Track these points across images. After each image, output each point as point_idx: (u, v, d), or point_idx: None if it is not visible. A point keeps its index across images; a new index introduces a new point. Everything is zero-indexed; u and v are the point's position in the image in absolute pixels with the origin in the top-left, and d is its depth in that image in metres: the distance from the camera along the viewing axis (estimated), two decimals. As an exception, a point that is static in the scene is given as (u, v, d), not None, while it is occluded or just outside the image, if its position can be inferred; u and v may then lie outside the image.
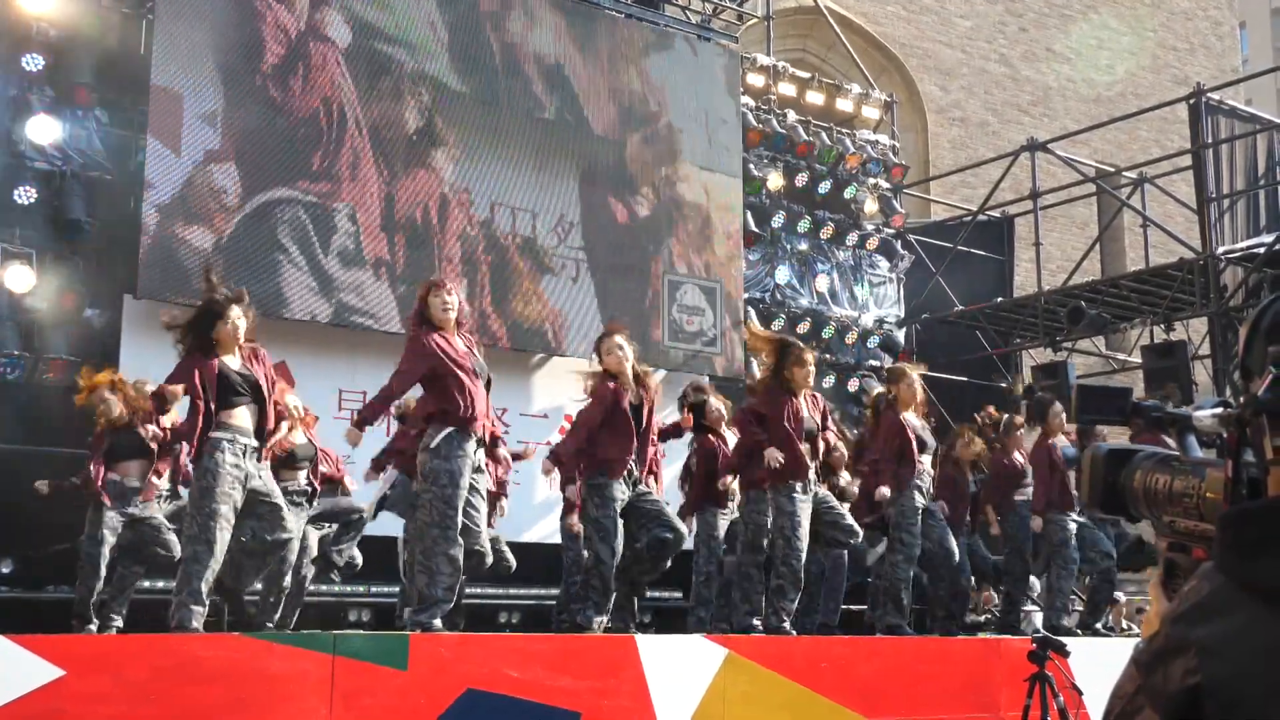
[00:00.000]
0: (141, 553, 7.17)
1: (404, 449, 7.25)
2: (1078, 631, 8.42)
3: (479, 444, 6.06)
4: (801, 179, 12.77)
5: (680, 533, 6.94)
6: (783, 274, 12.52)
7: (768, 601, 7.27)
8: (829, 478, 8.02)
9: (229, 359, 5.97)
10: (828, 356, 12.60)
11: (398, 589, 7.92)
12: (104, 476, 6.96)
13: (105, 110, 9.17)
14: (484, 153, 10.46)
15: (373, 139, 9.93)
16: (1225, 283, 11.66)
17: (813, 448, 7.26)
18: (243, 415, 5.92)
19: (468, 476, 5.95)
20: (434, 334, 6.07)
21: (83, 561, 6.92)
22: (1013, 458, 9.03)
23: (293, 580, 6.86)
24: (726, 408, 8.43)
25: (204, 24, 9.24)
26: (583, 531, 7.08)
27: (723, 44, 12.32)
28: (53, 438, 8.48)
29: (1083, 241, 16.46)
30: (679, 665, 6.24)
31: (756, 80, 12.82)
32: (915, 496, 7.77)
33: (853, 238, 13.10)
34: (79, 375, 7.44)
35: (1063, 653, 6.24)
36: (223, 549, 5.75)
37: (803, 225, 12.67)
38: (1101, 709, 1.09)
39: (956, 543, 8.25)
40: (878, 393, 8.62)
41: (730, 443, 7.99)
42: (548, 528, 9.59)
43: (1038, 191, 13.08)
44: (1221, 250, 11.48)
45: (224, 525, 5.72)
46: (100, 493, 6.93)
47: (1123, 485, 1.39)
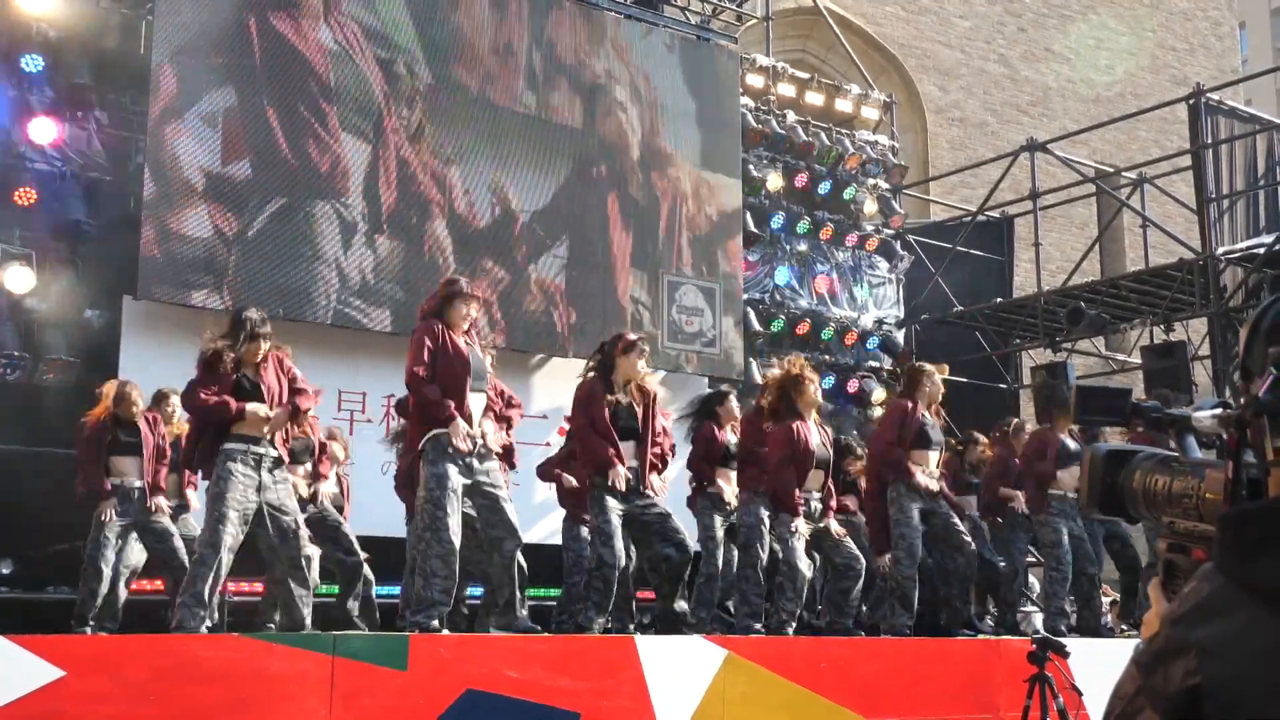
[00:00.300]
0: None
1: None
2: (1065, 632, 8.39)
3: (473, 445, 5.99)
4: (801, 179, 12.77)
5: (685, 548, 6.86)
6: (782, 275, 12.52)
7: (768, 602, 7.27)
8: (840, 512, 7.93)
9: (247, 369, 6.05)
10: (827, 357, 12.60)
11: (399, 589, 7.91)
12: (106, 480, 6.96)
13: (105, 111, 9.16)
14: (483, 152, 10.47)
15: (372, 139, 9.93)
16: (1225, 283, 11.66)
17: (825, 478, 7.36)
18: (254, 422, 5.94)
19: (456, 478, 5.90)
20: (441, 327, 6.01)
21: (86, 565, 6.91)
22: (1013, 460, 9.00)
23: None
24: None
25: (204, 25, 9.24)
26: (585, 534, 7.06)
27: (722, 44, 12.33)
28: (52, 438, 8.48)
29: (1082, 242, 16.46)
30: (678, 666, 6.25)
31: (756, 81, 12.83)
32: (912, 490, 7.60)
33: (852, 238, 13.11)
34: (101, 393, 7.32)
35: (1062, 653, 6.24)
36: (229, 555, 5.77)
37: (802, 226, 12.67)
38: (1102, 710, 1.09)
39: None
40: (899, 391, 8.51)
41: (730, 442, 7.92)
42: (548, 529, 9.58)
43: (1037, 192, 13.08)
44: (1221, 251, 11.48)
45: (232, 531, 5.74)
46: (103, 494, 6.92)
47: (1122, 486, 1.39)
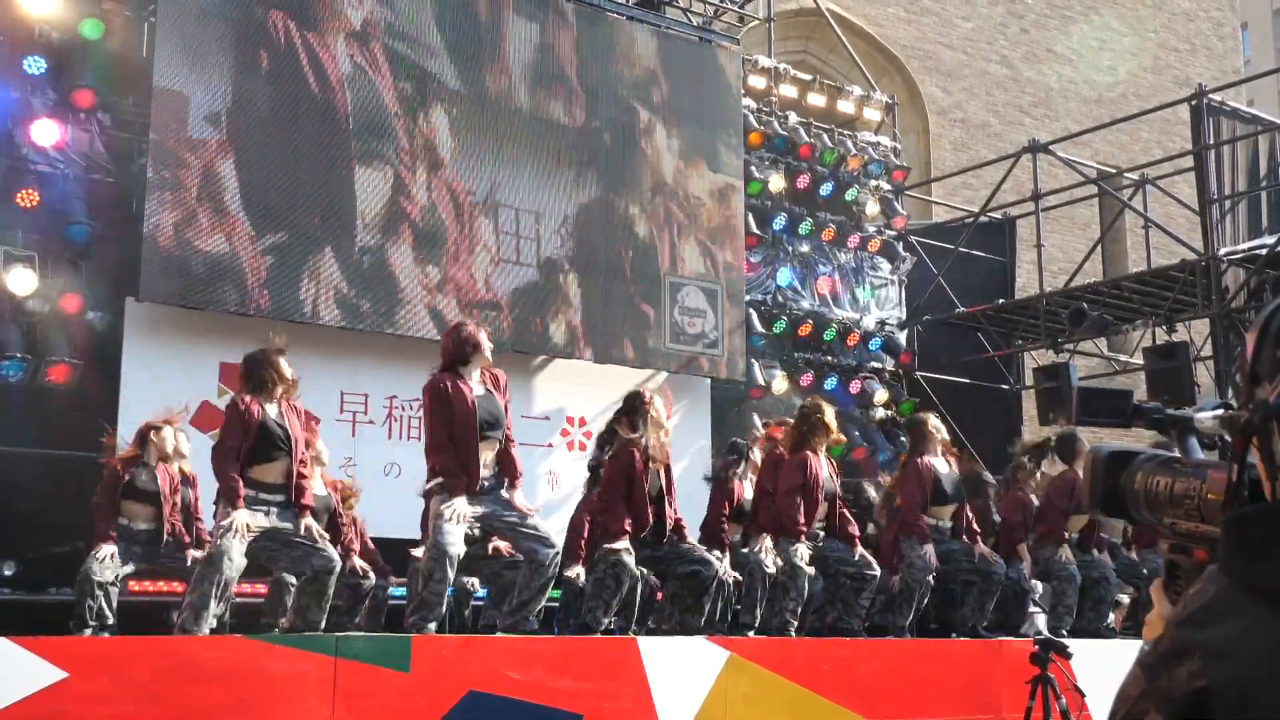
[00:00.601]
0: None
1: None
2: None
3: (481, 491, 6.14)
4: (803, 181, 12.76)
5: (710, 563, 6.95)
6: (784, 276, 12.51)
7: (770, 603, 7.27)
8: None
9: (269, 407, 6.11)
10: (829, 359, 12.60)
11: (405, 591, 7.92)
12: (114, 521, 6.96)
13: (107, 113, 9.17)
14: (486, 153, 10.46)
15: (374, 138, 9.93)
16: (1227, 284, 11.64)
17: (831, 509, 7.61)
18: (274, 471, 6.02)
19: (464, 505, 6.01)
20: (452, 380, 6.14)
21: (82, 576, 6.87)
22: (1028, 496, 9.10)
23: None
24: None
25: (207, 26, 9.24)
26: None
27: (724, 46, 12.32)
28: (54, 440, 8.49)
29: (1084, 243, 16.44)
30: (681, 667, 6.25)
31: (758, 82, 12.82)
32: (928, 551, 7.75)
33: (854, 239, 13.09)
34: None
35: (1065, 654, 6.24)
36: (236, 569, 5.83)
37: (804, 227, 12.66)
38: (1104, 711, 1.09)
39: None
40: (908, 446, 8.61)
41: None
42: (549, 530, 9.55)
43: (1039, 193, 13.07)
44: (1223, 252, 11.47)
45: (237, 549, 5.80)
46: (105, 538, 6.90)
47: (1124, 487, 1.39)
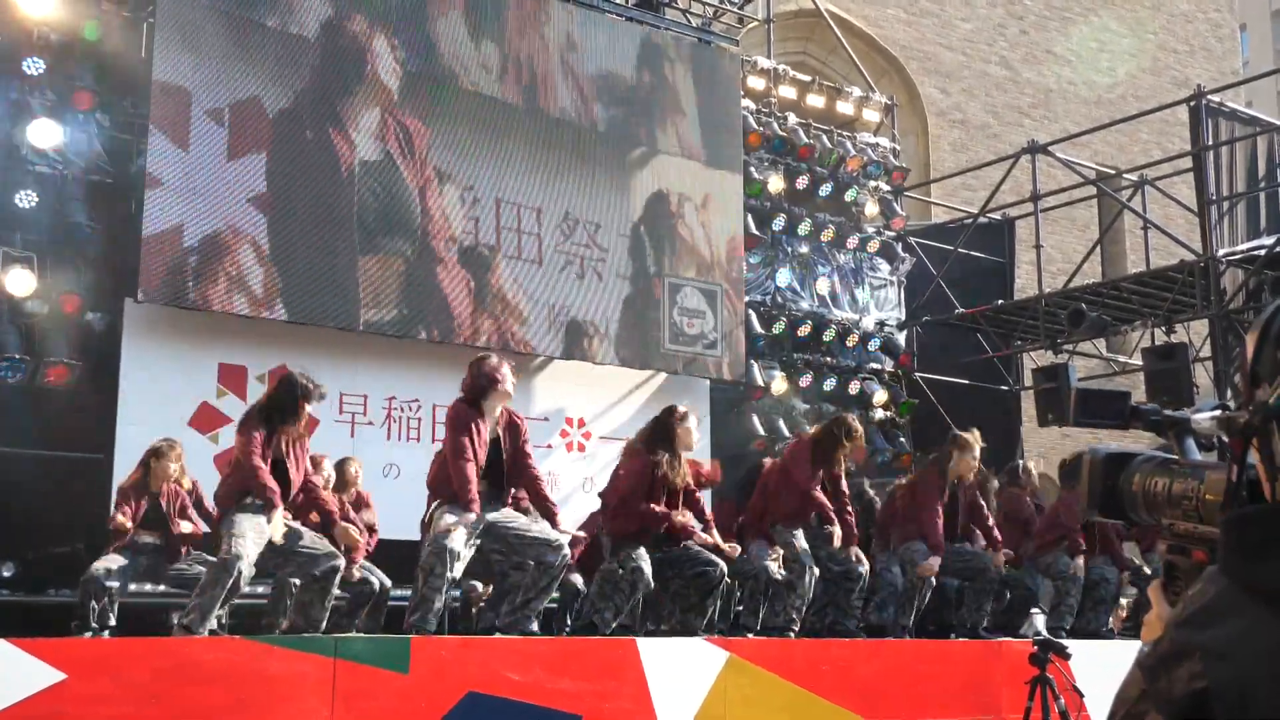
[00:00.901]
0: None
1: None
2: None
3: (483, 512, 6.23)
4: (802, 182, 12.76)
5: (718, 565, 7.00)
6: (783, 277, 12.51)
7: (770, 603, 7.28)
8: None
9: (280, 443, 6.19)
10: (828, 360, 12.61)
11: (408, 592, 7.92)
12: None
13: (106, 113, 9.16)
14: (486, 151, 10.45)
15: (375, 138, 9.93)
16: (1226, 285, 11.65)
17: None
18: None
19: (463, 530, 6.08)
20: (471, 415, 6.23)
21: (87, 578, 6.88)
22: (1029, 507, 9.16)
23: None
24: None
25: (204, 26, 9.24)
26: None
27: (724, 47, 12.33)
28: (53, 441, 8.48)
29: (1083, 244, 16.45)
30: (680, 668, 6.25)
31: (757, 83, 12.82)
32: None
33: (853, 240, 13.09)
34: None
35: (1064, 655, 6.24)
36: (246, 579, 5.85)
37: (803, 228, 12.66)
38: (1103, 712, 1.09)
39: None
40: (933, 455, 8.67)
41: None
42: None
43: (1038, 194, 13.07)
44: (1222, 253, 11.47)
45: (251, 550, 5.83)
46: (120, 536, 6.93)
47: (1121, 488, 1.39)
